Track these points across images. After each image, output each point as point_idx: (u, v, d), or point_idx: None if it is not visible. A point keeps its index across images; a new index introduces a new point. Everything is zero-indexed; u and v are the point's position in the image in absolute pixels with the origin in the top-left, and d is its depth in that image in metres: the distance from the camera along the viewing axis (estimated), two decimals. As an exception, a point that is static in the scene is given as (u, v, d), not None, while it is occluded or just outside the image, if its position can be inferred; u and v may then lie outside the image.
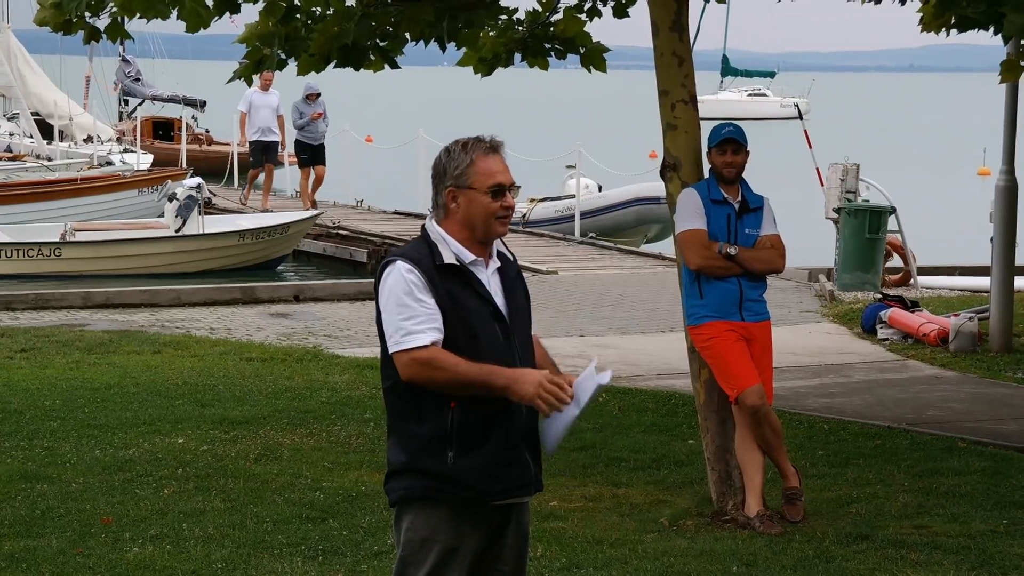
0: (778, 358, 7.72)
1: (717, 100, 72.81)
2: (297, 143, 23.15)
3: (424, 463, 4.27)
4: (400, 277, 4.26)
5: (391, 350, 4.26)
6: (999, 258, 12.69)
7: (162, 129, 37.41)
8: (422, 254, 4.30)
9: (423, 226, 4.42)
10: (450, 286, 4.27)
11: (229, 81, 8.63)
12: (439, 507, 4.28)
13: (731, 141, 7.45)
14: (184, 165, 28.48)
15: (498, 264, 4.40)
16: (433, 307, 4.24)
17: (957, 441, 9.11)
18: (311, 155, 23.10)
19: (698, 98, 7.88)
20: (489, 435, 4.26)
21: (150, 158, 29.42)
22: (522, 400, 4.20)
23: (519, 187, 4.43)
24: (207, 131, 36.75)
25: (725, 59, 78.69)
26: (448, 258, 4.30)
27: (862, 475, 8.30)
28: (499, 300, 4.34)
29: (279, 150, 23.66)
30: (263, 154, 23.38)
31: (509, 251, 4.47)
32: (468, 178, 4.31)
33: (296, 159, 23.70)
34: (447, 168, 4.34)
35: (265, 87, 22.89)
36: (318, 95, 22.84)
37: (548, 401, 4.20)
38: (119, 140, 31.64)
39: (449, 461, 4.25)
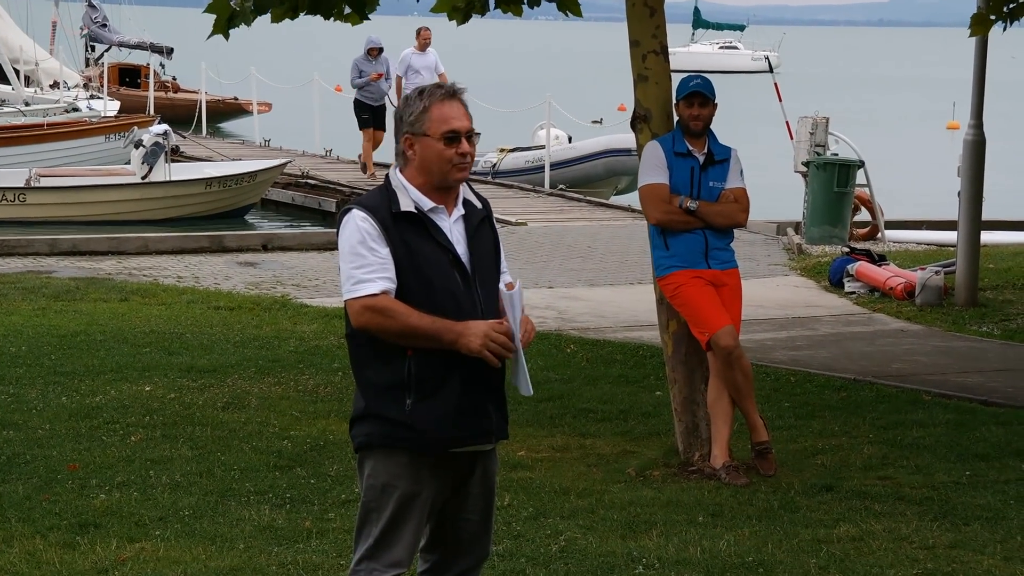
0: (745, 311, 7.75)
1: (689, 52, 72.70)
2: (356, 103, 21.12)
3: (383, 410, 4.28)
4: (355, 226, 4.27)
5: (343, 298, 4.29)
6: (966, 213, 12.74)
7: (129, 76, 37.13)
8: (379, 202, 4.30)
9: (387, 174, 4.42)
10: (406, 234, 4.26)
11: (208, 37, 8.55)
12: (399, 454, 4.29)
13: (698, 94, 7.44)
14: (151, 112, 28.28)
15: (462, 212, 4.38)
16: (386, 256, 4.24)
17: (922, 394, 9.18)
18: (372, 116, 20.87)
19: (670, 50, 7.86)
20: (447, 382, 4.26)
21: (117, 105, 29.19)
22: (470, 354, 4.20)
23: (479, 134, 4.40)
24: (174, 78, 36.49)
25: (697, 11, 78.56)
26: (406, 206, 4.29)
27: (827, 427, 8.35)
28: (460, 248, 4.32)
29: None
30: None
31: (479, 198, 4.45)
32: (423, 125, 4.31)
33: (358, 119, 21.16)
34: (403, 115, 4.35)
35: (422, 46, 20.49)
36: (380, 50, 20.94)
37: (496, 351, 4.21)
38: (86, 86, 31.36)
39: (407, 408, 4.25)
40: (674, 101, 7.59)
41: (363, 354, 4.32)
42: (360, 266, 4.24)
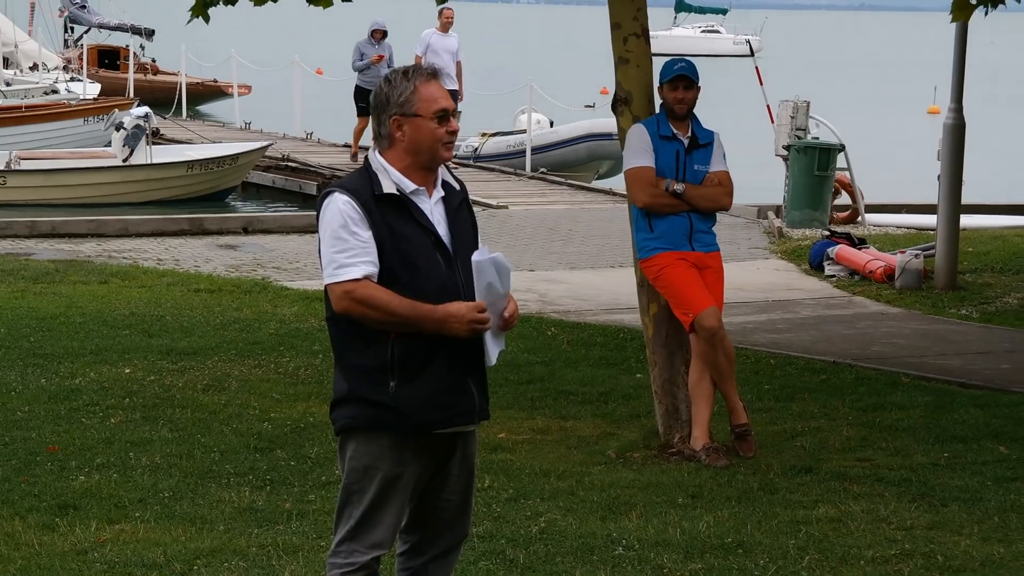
0: (726, 294, 7.76)
1: (671, 36, 72.69)
2: (357, 89, 20.45)
3: (366, 392, 4.27)
4: (337, 209, 4.24)
5: (325, 282, 4.27)
6: (945, 196, 12.77)
7: (108, 58, 36.96)
8: (361, 184, 4.28)
9: (366, 157, 4.40)
10: (389, 216, 4.25)
11: (188, 23, 8.52)
12: (381, 435, 4.29)
13: (683, 78, 7.44)
14: (131, 94, 28.17)
15: (442, 194, 4.38)
16: (368, 240, 4.22)
17: (901, 376, 9.21)
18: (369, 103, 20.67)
19: (652, 34, 7.86)
20: (431, 364, 4.26)
21: (97, 87, 29.07)
22: (456, 337, 4.21)
23: (460, 112, 4.41)
24: (153, 60, 36.33)
25: (679, -5, 78.47)
26: (388, 188, 4.27)
27: (807, 409, 8.38)
28: (442, 230, 4.32)
29: (458, 100, 19.41)
30: None
31: (456, 180, 4.44)
32: (413, 105, 4.29)
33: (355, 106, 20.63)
34: (390, 97, 4.31)
35: (445, 28, 19.54)
36: (384, 34, 20.33)
37: (479, 331, 4.22)
38: (65, 68, 31.23)
39: (391, 390, 4.25)
40: (657, 84, 7.59)
41: (345, 337, 4.30)
42: (342, 250, 4.22)
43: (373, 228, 4.22)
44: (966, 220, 14.03)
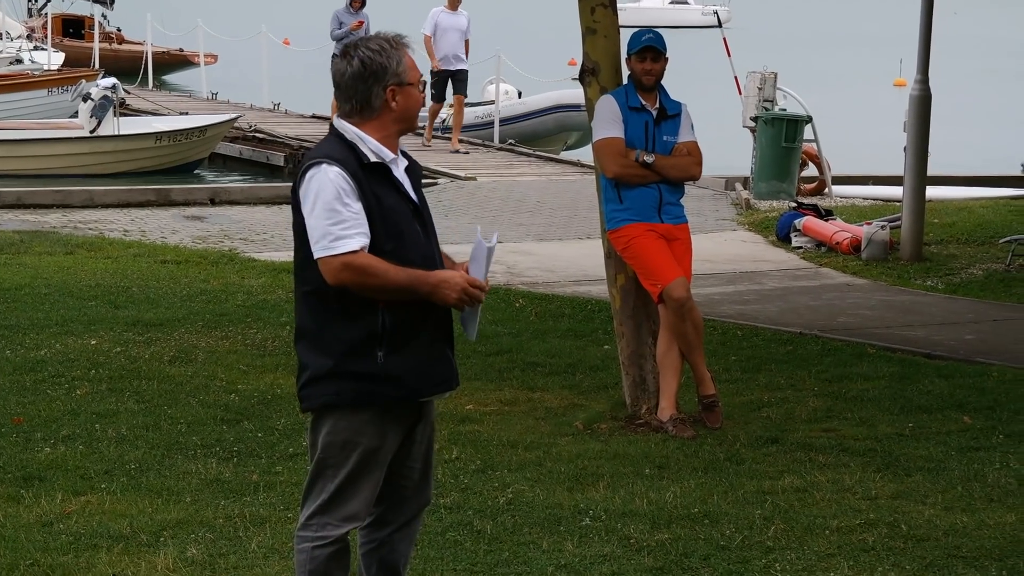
0: (694, 265, 7.77)
1: (639, 7, 72.64)
2: (334, 57, 20.99)
3: (353, 366, 4.23)
4: (327, 180, 4.18)
5: (318, 255, 4.18)
6: (911, 168, 12.82)
7: (73, 27, 36.66)
8: (346, 155, 4.23)
9: (331, 125, 4.36)
10: (375, 186, 4.23)
11: None
12: (364, 410, 4.27)
13: (650, 49, 7.43)
14: (96, 65, 27.95)
15: (406, 163, 4.38)
16: (359, 211, 4.19)
17: (866, 347, 9.26)
18: None
19: (620, 5, 7.84)
20: (417, 332, 4.26)
21: (61, 56, 28.83)
22: (445, 304, 4.22)
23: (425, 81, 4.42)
24: (119, 30, 36.06)
25: (647, -34, 78.34)
26: (372, 157, 4.26)
27: (773, 380, 8.42)
28: (415, 197, 4.34)
29: (467, 79, 19.19)
30: (446, 85, 19.07)
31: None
32: (405, 75, 4.28)
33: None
34: (387, 66, 4.24)
35: (453, 6, 18.85)
36: (363, 2, 19.91)
37: (469, 304, 4.23)
38: (29, 37, 30.95)
39: (380, 360, 4.23)
40: (625, 56, 7.58)
41: (331, 311, 4.23)
42: (337, 222, 4.16)
43: (363, 199, 4.19)
44: (932, 191, 14.09)
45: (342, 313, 4.22)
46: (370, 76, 4.24)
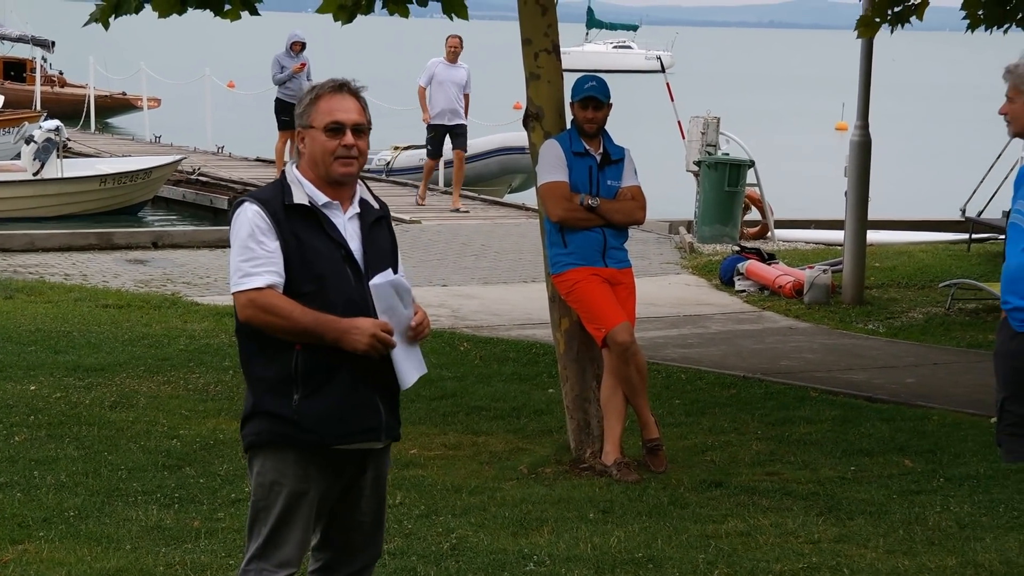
0: (638, 308, 7.80)
1: (583, 52, 73.14)
2: (278, 102, 19.75)
3: (270, 406, 4.25)
4: (246, 219, 4.25)
5: (231, 291, 4.26)
6: (852, 212, 12.95)
7: (14, 69, 36.41)
8: (273, 195, 4.29)
9: (282, 169, 4.41)
10: (297, 227, 4.25)
11: (85, 24, 8.41)
12: (286, 451, 4.27)
13: (592, 99, 7.49)
14: (38, 107, 27.78)
15: (358, 210, 4.37)
16: (274, 250, 4.21)
17: (809, 391, 9.32)
18: (292, 116, 19.38)
19: (564, 50, 7.89)
20: (335, 377, 4.24)
21: (1, 99, 28.63)
22: (355, 351, 4.19)
23: (368, 129, 4.37)
24: (61, 73, 35.87)
25: (590, 11, 79.01)
26: (299, 198, 4.28)
27: (717, 424, 8.45)
28: (354, 244, 4.31)
29: (466, 134, 18.38)
30: (442, 141, 18.27)
31: (376, 199, 4.43)
32: (309, 117, 4.32)
33: (277, 119, 19.80)
34: (297, 110, 4.37)
35: (452, 57, 17.89)
36: (303, 46, 19.76)
37: (381, 351, 4.21)
38: (-30, 80, 30.73)
39: (294, 403, 4.23)
40: (568, 101, 7.62)
41: (251, 349, 4.29)
42: (248, 259, 4.22)
43: (281, 238, 4.22)
44: (873, 236, 14.24)
45: (261, 352, 4.25)
46: (295, 119, 4.38)
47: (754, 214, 17.00)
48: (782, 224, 17.16)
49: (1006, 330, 5.37)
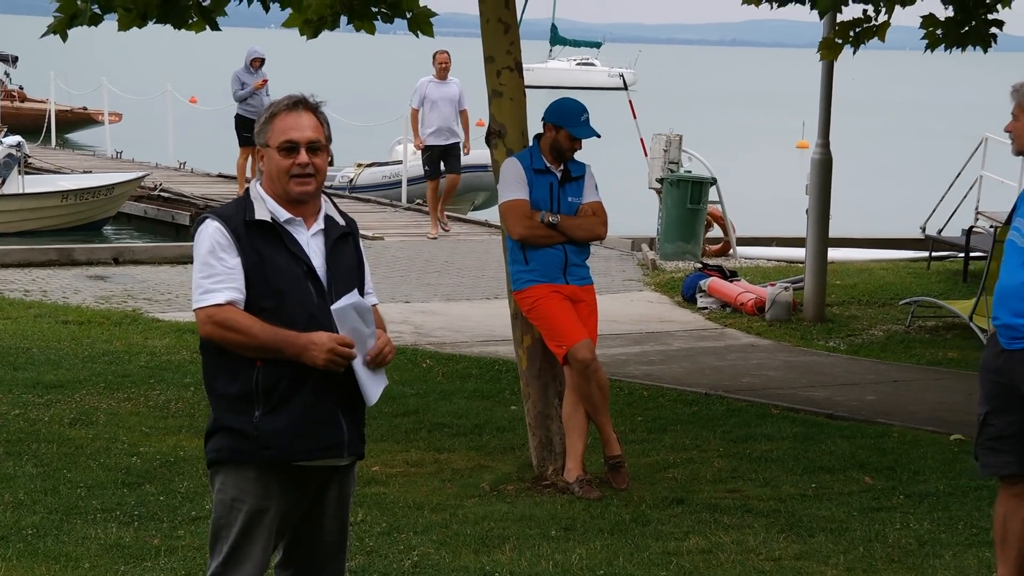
0: (600, 326, 7.82)
1: (547, 69, 73.25)
2: (238, 118, 19.51)
3: (231, 422, 4.25)
4: (207, 235, 4.25)
5: (193, 307, 4.27)
6: (814, 230, 13.02)
7: (-27, 84, 36.16)
8: (235, 211, 4.30)
9: (247, 187, 4.41)
10: (259, 243, 4.25)
11: (43, 35, 8.37)
12: (247, 468, 4.26)
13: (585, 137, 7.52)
14: (-1, 122, 27.58)
15: (322, 227, 4.36)
16: (235, 266, 4.22)
17: (770, 408, 9.35)
18: (253, 132, 19.03)
19: (528, 67, 7.91)
20: (296, 394, 4.23)
21: (-38, 114, 28.43)
22: (315, 366, 4.18)
23: (325, 145, 4.35)
24: (21, 88, 35.66)
25: (554, 28, 79.20)
26: (261, 214, 4.28)
27: (679, 441, 8.46)
28: (317, 261, 4.31)
29: (461, 154, 17.60)
30: (439, 161, 17.42)
31: (343, 216, 4.43)
32: (265, 136, 4.33)
33: (238, 135, 19.57)
34: (255, 128, 4.38)
35: (442, 74, 17.14)
36: (262, 61, 19.55)
37: (341, 364, 4.20)
38: (-70, 95, 30.52)
39: (255, 420, 4.22)
40: (544, 119, 7.60)
41: (213, 365, 4.29)
42: (208, 275, 4.22)
43: (241, 254, 4.22)
44: (834, 253, 14.31)
45: (224, 368, 4.26)
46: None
47: (716, 231, 17.06)
48: (744, 241, 17.24)
49: (994, 346, 5.44)
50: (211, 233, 4.23)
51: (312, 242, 4.32)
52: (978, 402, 5.56)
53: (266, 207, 4.29)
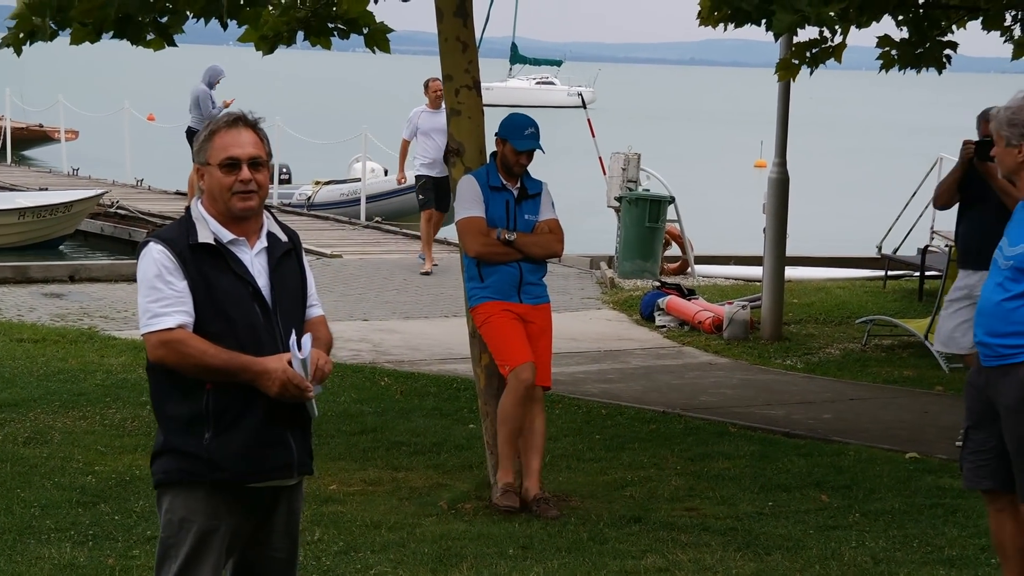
0: (558, 344, 7.83)
1: (506, 87, 73.38)
2: (190, 131, 19.57)
3: (180, 444, 4.23)
4: (151, 259, 4.22)
5: (141, 332, 4.24)
6: (771, 248, 13.08)
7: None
8: (178, 234, 4.26)
9: (187, 206, 4.37)
10: (204, 266, 4.22)
11: None
12: (196, 488, 4.24)
13: (532, 151, 7.53)
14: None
15: (266, 244, 4.34)
16: (183, 290, 4.19)
17: (728, 426, 9.38)
18: None
19: (487, 85, 7.93)
20: (246, 415, 4.21)
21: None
22: (268, 394, 4.17)
23: (266, 161, 4.34)
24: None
25: (514, 47, 79.33)
26: (204, 237, 4.25)
27: (637, 459, 8.47)
28: (262, 281, 4.28)
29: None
30: (432, 192, 16.13)
31: (285, 231, 4.41)
32: (205, 154, 4.31)
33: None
34: (195, 147, 4.36)
35: (436, 103, 15.63)
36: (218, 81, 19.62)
37: (294, 394, 4.18)
38: None
39: (205, 441, 4.20)
40: (496, 132, 7.62)
41: (162, 388, 4.26)
42: (156, 299, 4.19)
43: (188, 278, 4.20)
44: (791, 272, 14.39)
45: (173, 391, 4.24)
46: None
47: (674, 250, 17.12)
48: (702, 260, 17.30)
49: (978, 362, 5.53)
50: (156, 257, 4.20)
51: (256, 261, 4.30)
52: (963, 417, 5.69)
53: (208, 228, 4.26)
